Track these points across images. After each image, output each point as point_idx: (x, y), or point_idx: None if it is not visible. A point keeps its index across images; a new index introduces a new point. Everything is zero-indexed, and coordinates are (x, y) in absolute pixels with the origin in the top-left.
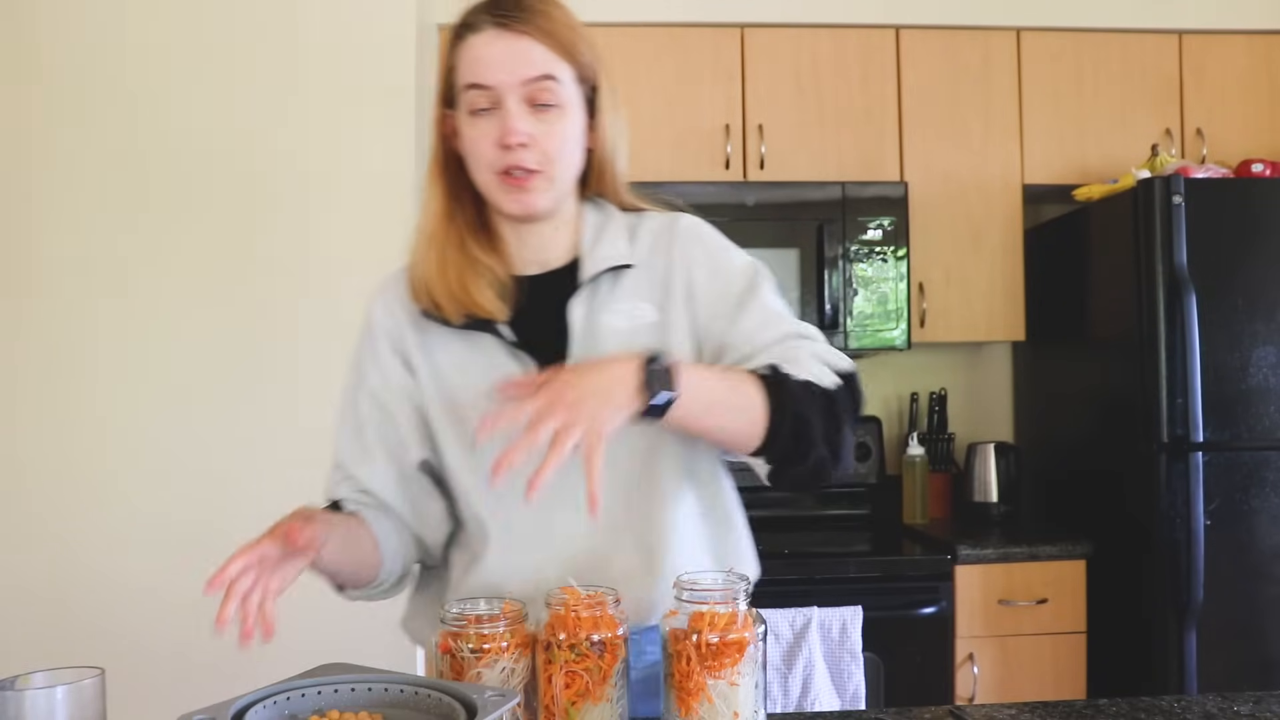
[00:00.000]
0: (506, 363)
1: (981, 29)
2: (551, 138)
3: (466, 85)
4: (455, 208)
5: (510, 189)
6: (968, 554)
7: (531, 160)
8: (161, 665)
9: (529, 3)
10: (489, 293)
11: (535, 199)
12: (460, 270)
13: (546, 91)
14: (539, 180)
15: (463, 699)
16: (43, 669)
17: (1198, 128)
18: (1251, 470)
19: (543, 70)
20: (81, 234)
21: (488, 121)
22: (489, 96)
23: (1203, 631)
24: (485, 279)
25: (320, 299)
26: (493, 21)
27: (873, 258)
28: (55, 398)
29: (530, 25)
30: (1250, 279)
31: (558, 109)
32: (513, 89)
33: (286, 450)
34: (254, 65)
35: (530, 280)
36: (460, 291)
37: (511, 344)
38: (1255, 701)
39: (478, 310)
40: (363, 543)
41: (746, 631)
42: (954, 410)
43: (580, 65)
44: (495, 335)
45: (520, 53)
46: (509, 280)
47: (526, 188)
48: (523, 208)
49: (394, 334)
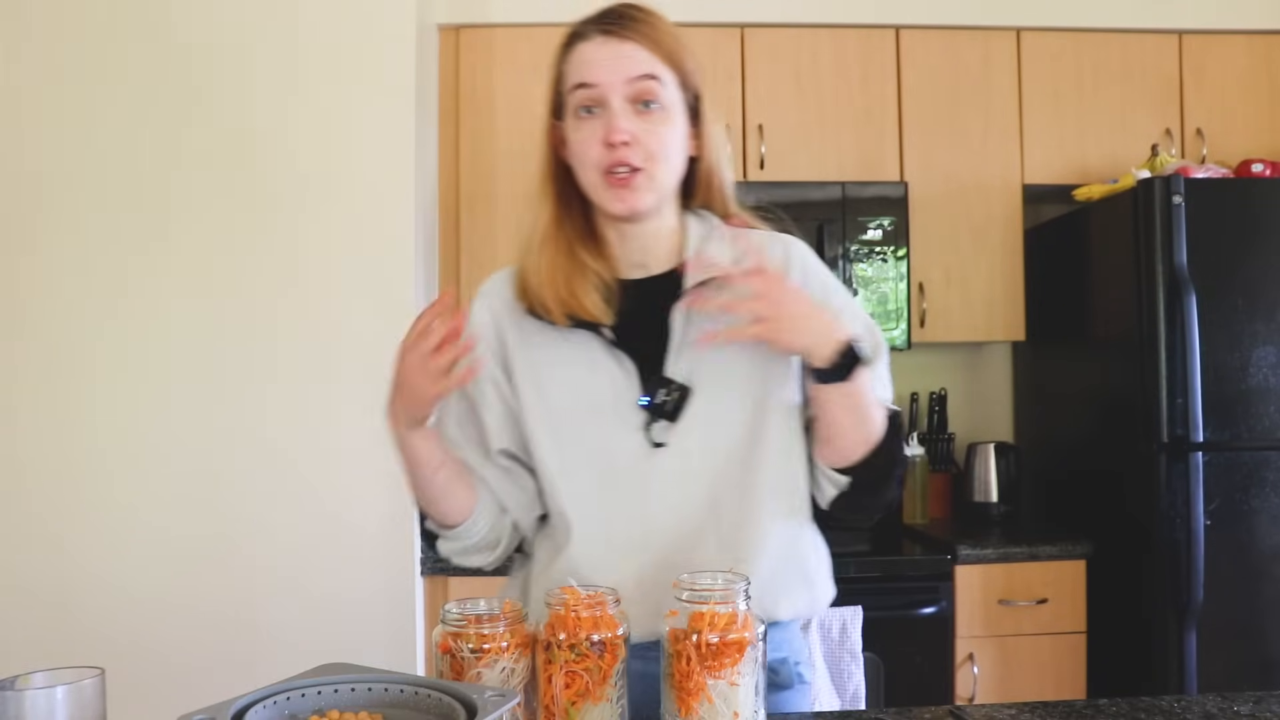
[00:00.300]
0: (605, 361)
1: (981, 29)
2: (654, 136)
3: (574, 86)
4: (564, 214)
5: (614, 188)
6: (968, 554)
7: (635, 158)
8: (161, 665)
9: (634, 13)
10: (595, 296)
11: (638, 197)
12: (569, 275)
13: (649, 91)
14: (641, 178)
15: (463, 699)
16: (43, 669)
17: (1198, 128)
18: (1251, 470)
19: (645, 70)
20: (81, 234)
21: (593, 123)
22: (594, 95)
23: (1203, 631)
24: (591, 283)
25: (321, 299)
26: (599, 29)
27: (873, 258)
28: (55, 398)
29: (635, 32)
30: (1250, 279)
31: (660, 110)
32: (616, 88)
33: (286, 451)
34: (254, 65)
35: (632, 284)
36: (568, 296)
37: (611, 343)
38: (1255, 701)
39: (583, 313)
40: (464, 478)
41: (746, 631)
42: (954, 410)
43: (683, 72)
44: (596, 335)
45: (624, 55)
46: (614, 284)
47: (630, 186)
48: (626, 206)
49: (491, 333)
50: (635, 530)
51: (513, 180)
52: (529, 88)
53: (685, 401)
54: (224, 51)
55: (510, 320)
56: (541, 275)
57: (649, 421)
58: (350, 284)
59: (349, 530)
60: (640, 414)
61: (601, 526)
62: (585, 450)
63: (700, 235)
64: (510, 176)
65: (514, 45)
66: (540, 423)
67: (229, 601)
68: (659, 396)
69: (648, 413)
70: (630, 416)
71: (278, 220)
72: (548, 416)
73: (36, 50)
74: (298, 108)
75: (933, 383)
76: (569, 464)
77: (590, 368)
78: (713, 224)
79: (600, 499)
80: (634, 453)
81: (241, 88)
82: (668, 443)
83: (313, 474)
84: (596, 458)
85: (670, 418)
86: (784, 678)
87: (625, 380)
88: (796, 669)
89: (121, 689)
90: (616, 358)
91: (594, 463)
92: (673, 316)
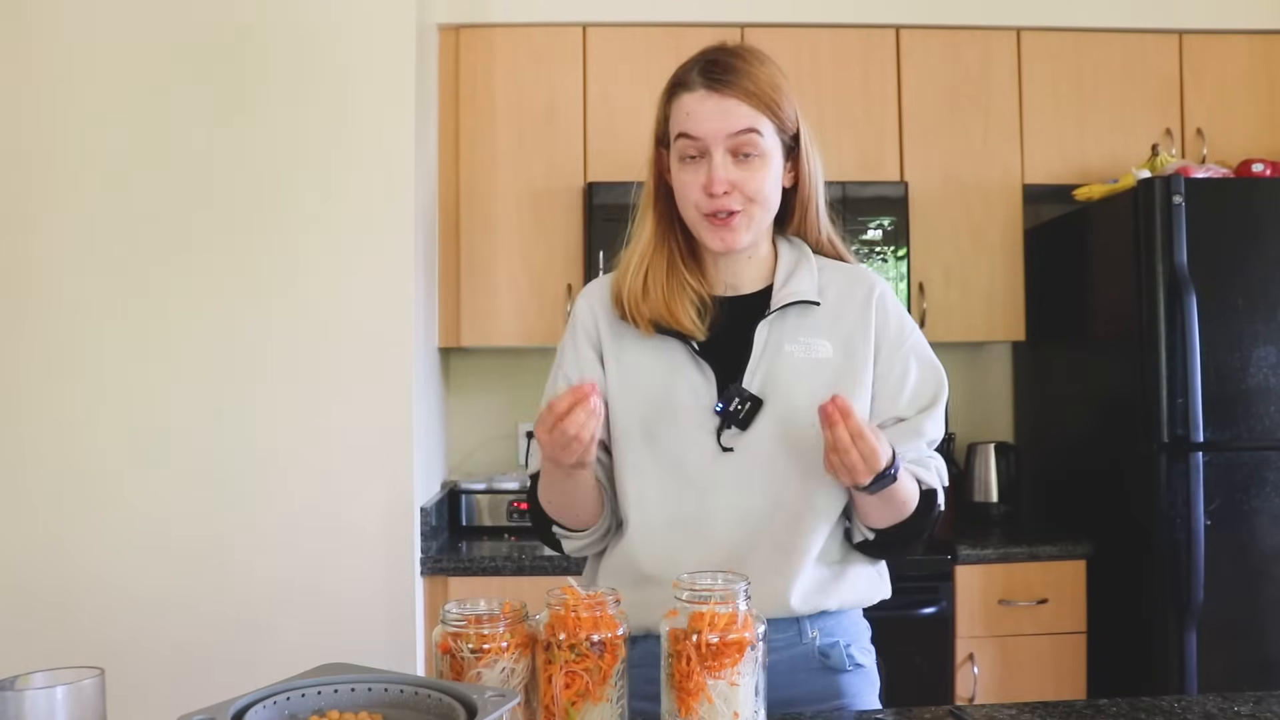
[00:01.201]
0: (689, 368)
1: (981, 29)
2: (752, 182)
3: (678, 135)
4: (668, 232)
5: (715, 228)
6: (968, 554)
7: (735, 204)
8: (161, 665)
9: (737, 65)
10: (691, 313)
11: (736, 237)
12: (669, 291)
13: (749, 144)
14: (740, 220)
15: (463, 699)
16: (43, 669)
17: (1198, 128)
18: (1251, 470)
19: (746, 125)
20: (81, 235)
21: (695, 169)
22: (697, 146)
23: (1203, 631)
24: (690, 300)
25: (321, 299)
26: (704, 83)
27: (873, 258)
28: (55, 398)
29: (736, 87)
30: (1250, 279)
31: (759, 158)
32: (719, 141)
33: (286, 451)
34: (253, 65)
35: (725, 300)
36: (666, 312)
37: (696, 352)
38: (1255, 701)
39: (679, 328)
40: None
41: (746, 631)
42: (954, 410)
43: (781, 119)
44: (683, 343)
45: (727, 110)
46: (710, 300)
47: (730, 226)
48: (725, 245)
49: (592, 332)
50: (695, 527)
51: (513, 180)
52: (529, 88)
53: (757, 412)
54: (224, 51)
55: (606, 320)
56: (638, 289)
57: (720, 427)
58: (350, 284)
59: (349, 530)
60: (713, 419)
61: (662, 520)
62: (658, 448)
63: (791, 261)
64: (510, 176)
65: (514, 45)
66: (623, 416)
67: (229, 601)
68: (733, 404)
69: (720, 419)
70: (704, 421)
71: (277, 220)
72: (629, 412)
73: (37, 50)
74: (298, 107)
75: None
76: (641, 458)
77: (673, 372)
78: (803, 252)
79: (664, 494)
80: (703, 455)
81: (241, 87)
82: (735, 449)
83: (313, 474)
84: (667, 456)
85: (742, 426)
86: (835, 661)
87: (705, 387)
88: (848, 650)
89: (121, 689)
90: (699, 365)
91: (664, 460)
92: (756, 332)
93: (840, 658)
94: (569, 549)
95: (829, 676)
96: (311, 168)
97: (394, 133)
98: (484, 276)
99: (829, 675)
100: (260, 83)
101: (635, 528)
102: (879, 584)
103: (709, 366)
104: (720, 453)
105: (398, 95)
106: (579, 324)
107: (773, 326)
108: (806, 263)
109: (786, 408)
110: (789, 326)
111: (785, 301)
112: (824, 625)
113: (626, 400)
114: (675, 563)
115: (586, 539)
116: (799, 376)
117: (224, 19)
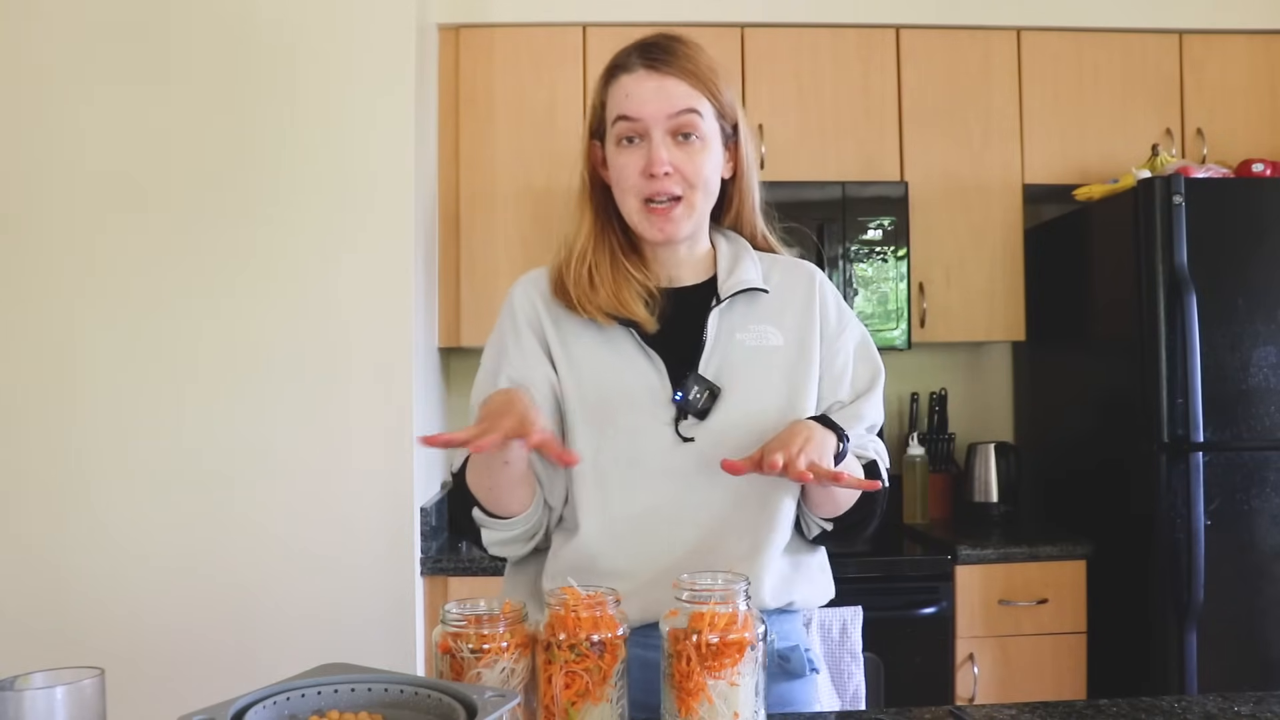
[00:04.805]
0: (639, 359)
1: (981, 29)
2: (692, 166)
3: (616, 118)
4: (606, 227)
5: (653, 217)
6: (968, 554)
7: (675, 187)
8: (161, 666)
9: (675, 46)
10: (639, 303)
11: (676, 226)
12: (615, 284)
13: (689, 124)
14: (680, 209)
15: (463, 699)
16: (42, 669)
17: (1198, 128)
18: (1251, 470)
19: (686, 105)
20: (79, 237)
21: (634, 152)
22: (636, 128)
23: (1203, 631)
24: (636, 290)
25: (320, 300)
26: (643, 63)
27: (873, 258)
28: (55, 400)
29: (676, 67)
30: (1250, 279)
31: (699, 140)
32: (658, 122)
33: (286, 452)
34: (253, 64)
35: (669, 291)
36: (617, 304)
37: (645, 342)
38: (1255, 701)
39: (634, 316)
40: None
41: (746, 632)
42: (954, 410)
43: (721, 104)
44: (631, 333)
45: (667, 89)
46: (656, 291)
47: (669, 216)
48: (664, 235)
49: (535, 322)
50: (656, 521)
51: (513, 180)
52: (529, 88)
53: (715, 401)
54: (223, 51)
55: (547, 311)
56: (583, 284)
57: (678, 417)
58: (350, 284)
59: (349, 530)
60: (670, 410)
61: (623, 514)
62: (616, 440)
63: (731, 253)
64: (510, 176)
65: (514, 45)
66: (577, 408)
67: (229, 601)
68: (691, 394)
69: (678, 409)
70: (661, 412)
71: (277, 220)
72: (583, 404)
73: (37, 51)
74: (297, 107)
75: (933, 383)
76: (600, 451)
77: (625, 363)
78: (741, 244)
79: (624, 488)
80: (663, 446)
81: (241, 87)
82: (696, 438)
83: (312, 474)
84: (626, 448)
85: (700, 415)
86: (796, 665)
87: (656, 377)
88: (807, 655)
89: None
90: (649, 356)
91: (624, 452)
92: (709, 321)
93: (800, 662)
94: (489, 541)
95: (789, 682)
96: (311, 167)
97: (394, 133)
98: (484, 276)
99: (789, 681)
100: (260, 82)
101: (592, 523)
102: (827, 584)
103: (659, 357)
104: (680, 443)
105: (397, 95)
106: (519, 314)
107: (723, 316)
108: (747, 254)
109: (742, 396)
110: (738, 315)
111: (735, 289)
112: (781, 629)
113: (579, 392)
114: (636, 559)
115: (509, 531)
116: (753, 364)
117: (223, 19)
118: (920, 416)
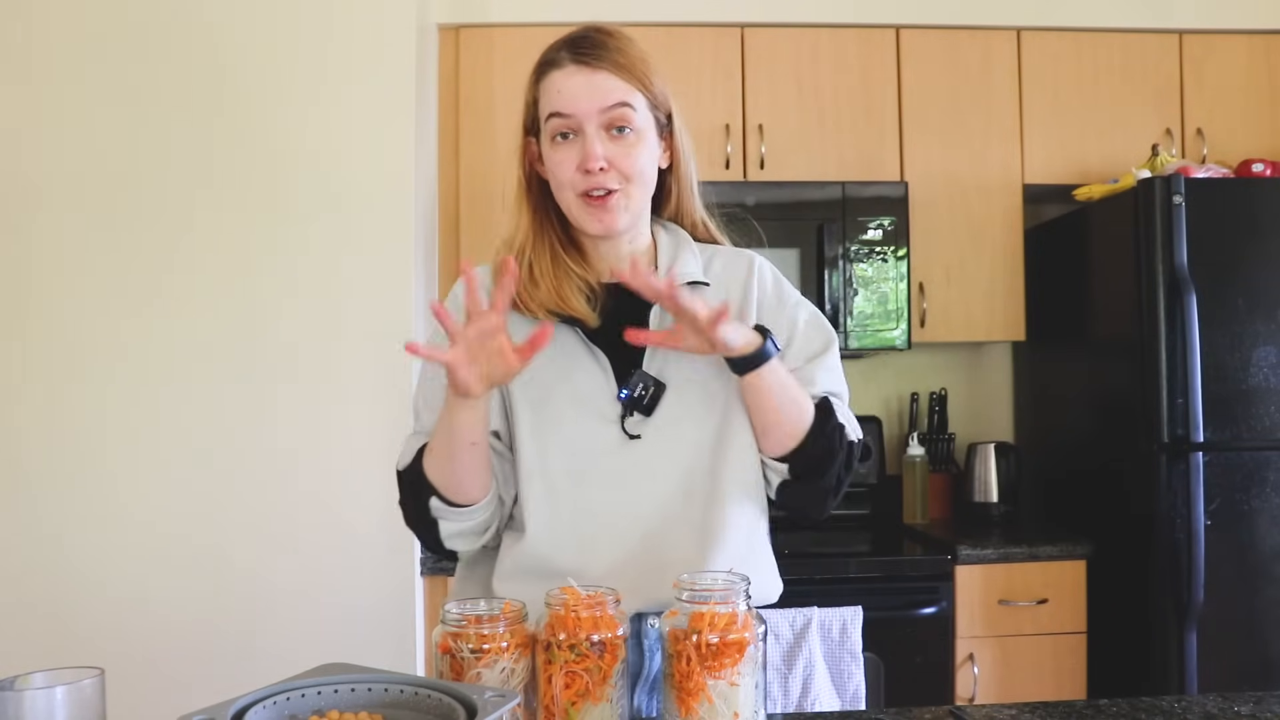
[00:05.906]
0: (583, 355)
1: (981, 29)
2: (627, 159)
3: (549, 115)
4: (545, 223)
5: (592, 208)
6: (968, 554)
7: (611, 181)
8: (161, 666)
9: (605, 40)
10: (580, 299)
11: (614, 218)
12: (556, 281)
13: (622, 118)
14: (617, 199)
15: (463, 699)
16: (43, 669)
17: (1198, 128)
18: (1251, 470)
19: (619, 99)
20: (80, 237)
21: (569, 148)
22: (570, 124)
23: (1203, 631)
24: (577, 286)
25: (320, 299)
26: (573, 58)
27: (873, 258)
28: (56, 399)
29: (607, 61)
30: (1250, 279)
31: (633, 133)
32: (591, 117)
33: (286, 451)
34: (253, 64)
35: (611, 286)
36: (558, 300)
37: (589, 339)
38: (1255, 701)
39: (575, 313)
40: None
41: (746, 632)
42: (954, 410)
43: (653, 95)
44: (575, 330)
45: (598, 84)
46: (598, 287)
47: (606, 206)
48: (603, 227)
49: None
50: (609, 516)
51: (513, 180)
52: None
53: (660, 396)
54: (223, 52)
55: None
56: (526, 281)
57: (625, 414)
58: (350, 284)
59: (349, 530)
60: (616, 407)
61: (572, 512)
62: (563, 438)
63: (671, 245)
64: (510, 176)
65: (514, 45)
66: (524, 407)
67: (229, 601)
68: (636, 390)
69: (624, 406)
70: (607, 410)
71: (277, 220)
72: (529, 403)
73: (39, 52)
74: (297, 107)
75: (933, 383)
76: (547, 450)
77: (570, 361)
78: (681, 236)
79: (575, 485)
80: (610, 443)
81: (241, 88)
82: (643, 435)
83: (313, 474)
84: (573, 446)
85: (646, 411)
86: None
87: (601, 374)
88: None
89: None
90: (593, 353)
91: (571, 451)
92: (651, 316)
93: None
94: (447, 533)
95: None
96: (311, 167)
97: (394, 132)
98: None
99: None
100: (260, 82)
101: (540, 522)
102: (774, 582)
103: (603, 354)
104: (626, 440)
105: (397, 95)
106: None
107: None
108: (687, 246)
109: (688, 388)
110: None
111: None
112: None
113: (526, 391)
114: (584, 557)
115: (468, 521)
116: (696, 357)
117: (223, 18)
118: (920, 416)
